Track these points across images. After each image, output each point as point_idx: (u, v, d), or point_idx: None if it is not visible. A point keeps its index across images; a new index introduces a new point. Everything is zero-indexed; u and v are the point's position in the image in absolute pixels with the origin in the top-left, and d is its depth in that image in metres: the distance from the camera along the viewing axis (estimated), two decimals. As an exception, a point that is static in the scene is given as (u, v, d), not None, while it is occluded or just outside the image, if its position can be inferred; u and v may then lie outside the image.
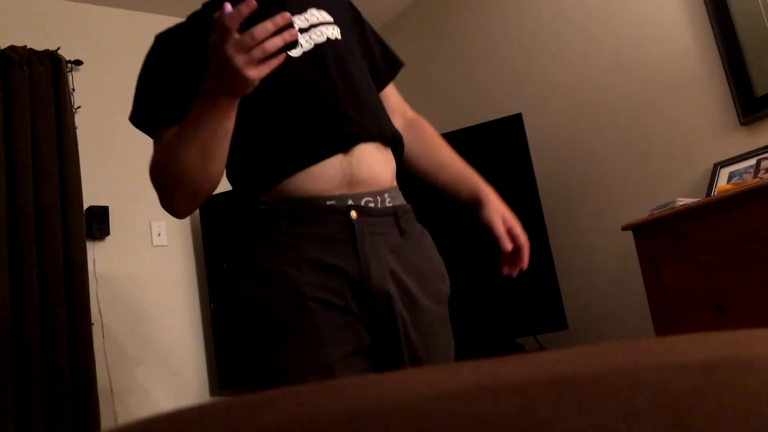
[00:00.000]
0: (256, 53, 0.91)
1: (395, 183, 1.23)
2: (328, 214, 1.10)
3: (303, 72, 1.14)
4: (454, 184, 1.33)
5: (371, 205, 1.13)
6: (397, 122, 1.35)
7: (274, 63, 0.94)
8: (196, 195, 1.11)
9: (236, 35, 0.91)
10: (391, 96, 1.38)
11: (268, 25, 0.90)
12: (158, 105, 1.15)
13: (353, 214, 1.10)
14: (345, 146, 1.12)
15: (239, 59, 0.91)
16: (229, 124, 1.02)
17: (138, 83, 1.20)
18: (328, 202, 1.10)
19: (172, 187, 1.10)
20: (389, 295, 1.10)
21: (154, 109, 1.16)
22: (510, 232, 1.27)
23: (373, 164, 1.14)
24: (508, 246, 1.23)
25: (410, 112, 1.41)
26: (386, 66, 1.37)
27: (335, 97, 1.15)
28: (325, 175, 1.10)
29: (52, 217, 2.88)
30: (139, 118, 1.18)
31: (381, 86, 1.34)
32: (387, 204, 1.15)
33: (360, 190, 1.12)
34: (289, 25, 0.92)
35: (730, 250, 1.94)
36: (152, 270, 3.22)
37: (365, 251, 1.10)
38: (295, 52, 1.14)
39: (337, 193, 1.10)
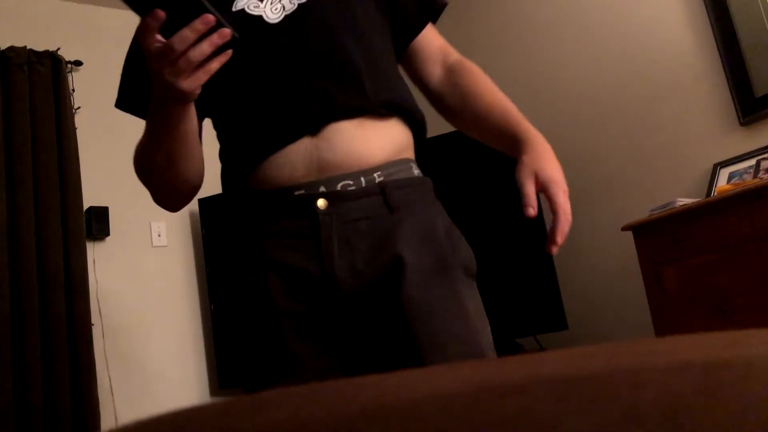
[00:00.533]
0: (182, 65, 0.82)
1: (402, 156, 1.05)
2: (294, 207, 0.98)
3: (276, 41, 1.01)
4: (493, 139, 1.12)
5: (351, 188, 0.98)
6: (436, 73, 1.18)
7: (215, 66, 0.84)
8: (176, 194, 1.05)
9: (157, 46, 0.82)
10: (430, 43, 1.19)
11: (187, 33, 0.81)
12: (146, 89, 1.02)
13: (321, 203, 0.97)
14: (312, 127, 0.98)
15: (167, 73, 0.82)
16: (188, 126, 0.95)
17: (125, 62, 1.10)
18: (296, 192, 0.98)
19: (152, 186, 1.05)
20: (374, 285, 0.96)
21: (142, 94, 1.02)
22: (546, 193, 0.98)
23: (350, 144, 0.99)
24: (528, 211, 0.95)
25: (453, 58, 1.21)
26: (418, 9, 1.18)
27: (306, 70, 1.01)
28: (291, 162, 0.98)
29: (52, 218, 2.88)
30: (126, 102, 1.09)
31: (411, 35, 1.17)
32: (375, 182, 0.99)
33: (334, 173, 0.98)
34: (220, 24, 0.82)
35: (730, 250, 1.94)
36: (152, 270, 3.22)
37: (330, 245, 0.96)
38: (273, 18, 1.03)
39: (305, 180, 0.98)
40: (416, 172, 1.07)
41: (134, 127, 1.14)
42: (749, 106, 2.35)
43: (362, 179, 0.99)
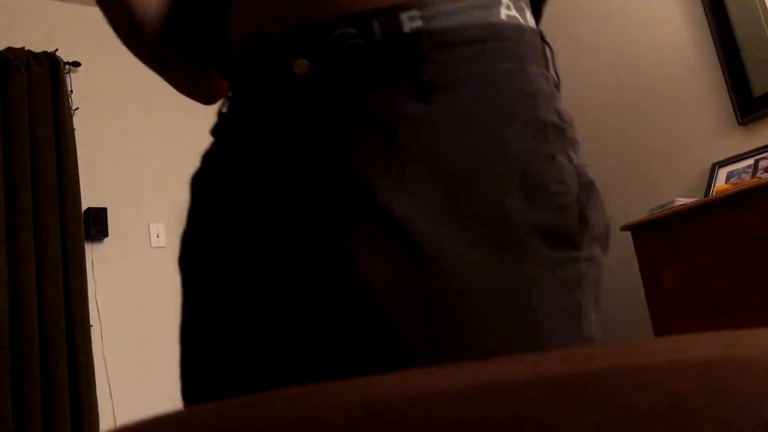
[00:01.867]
0: None
1: None
2: (267, 73, 0.56)
3: None
4: None
5: (355, 41, 0.52)
6: None
7: None
8: (159, 58, 0.71)
9: None
10: None
11: None
12: None
13: (299, 65, 0.53)
14: None
15: None
16: None
17: None
18: (274, 47, 0.55)
19: (142, 59, 0.73)
20: (346, 228, 0.48)
21: None
22: None
23: None
24: None
25: None
26: None
27: None
28: None
29: (50, 219, 2.88)
30: None
31: None
32: (404, 29, 0.51)
33: (330, 11, 0.53)
34: None
35: (728, 250, 1.94)
36: (151, 272, 3.22)
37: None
38: None
39: (286, 25, 0.54)
40: (505, 13, 0.55)
41: (132, 128, 1.14)
42: (747, 106, 2.35)
43: (376, 25, 0.52)
